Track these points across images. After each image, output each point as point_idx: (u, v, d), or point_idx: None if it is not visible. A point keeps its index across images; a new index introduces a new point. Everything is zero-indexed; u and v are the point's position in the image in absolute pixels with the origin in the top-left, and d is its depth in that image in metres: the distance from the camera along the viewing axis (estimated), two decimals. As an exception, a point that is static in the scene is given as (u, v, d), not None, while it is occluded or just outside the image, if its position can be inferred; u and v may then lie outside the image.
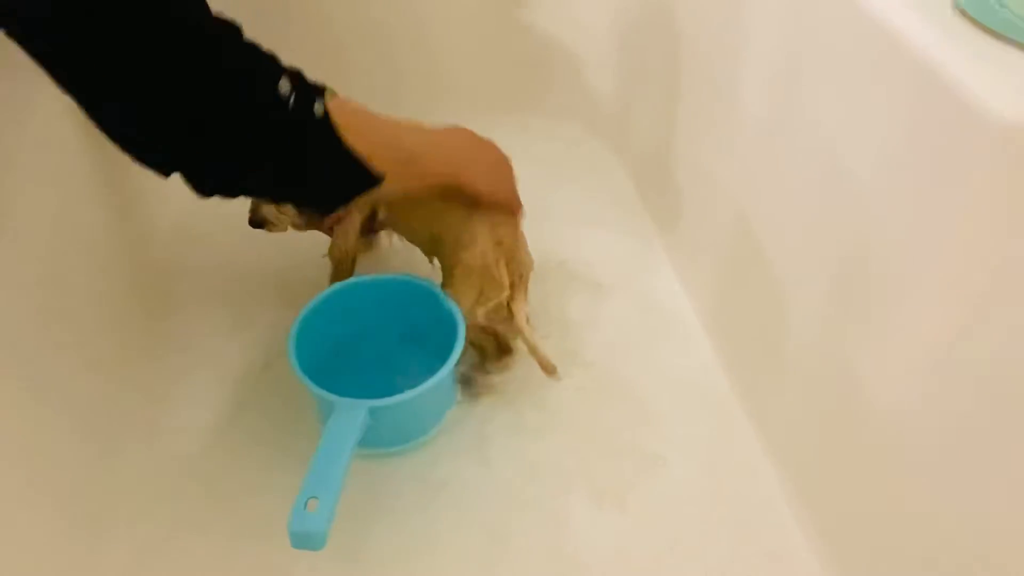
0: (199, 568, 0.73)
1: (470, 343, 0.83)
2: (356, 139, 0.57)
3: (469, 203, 0.78)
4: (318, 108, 0.54)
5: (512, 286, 0.80)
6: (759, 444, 0.83)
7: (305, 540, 0.62)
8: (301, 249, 0.92)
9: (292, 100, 0.52)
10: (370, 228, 0.88)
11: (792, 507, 0.77)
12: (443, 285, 0.82)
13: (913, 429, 0.62)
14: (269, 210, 0.82)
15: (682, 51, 0.99)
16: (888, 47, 0.61)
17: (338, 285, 0.83)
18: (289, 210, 0.82)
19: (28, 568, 0.64)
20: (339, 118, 0.55)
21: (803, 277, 0.75)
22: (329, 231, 0.88)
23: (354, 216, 0.85)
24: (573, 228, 0.98)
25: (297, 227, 0.85)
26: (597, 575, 0.73)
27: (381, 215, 0.86)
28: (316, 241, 0.91)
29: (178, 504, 0.77)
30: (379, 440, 0.78)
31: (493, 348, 0.85)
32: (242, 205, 0.85)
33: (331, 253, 0.89)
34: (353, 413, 0.72)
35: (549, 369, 0.81)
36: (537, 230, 0.85)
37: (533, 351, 0.80)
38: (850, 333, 0.68)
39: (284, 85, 0.52)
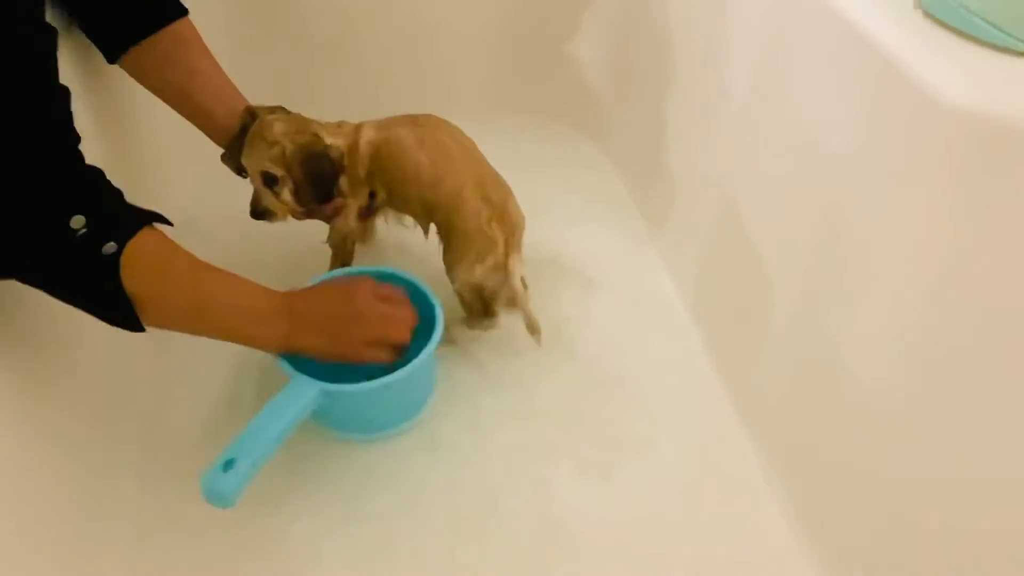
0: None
1: (460, 299, 0.89)
2: (148, 281, 0.61)
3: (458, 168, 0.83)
4: (108, 248, 0.58)
5: (506, 243, 0.84)
6: (739, 423, 0.86)
7: (214, 498, 0.64)
8: (302, 237, 0.94)
9: (81, 232, 0.56)
10: (368, 211, 0.91)
11: (769, 481, 0.81)
12: (443, 251, 0.87)
13: (885, 398, 0.66)
14: (270, 200, 0.85)
15: (668, 52, 1.03)
16: (856, 44, 0.65)
17: (327, 276, 0.85)
18: (288, 200, 0.84)
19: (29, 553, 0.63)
20: (140, 258, 0.60)
21: (782, 260, 0.79)
22: (328, 219, 0.90)
23: (351, 202, 0.88)
24: (564, 224, 1.01)
25: (296, 216, 0.87)
26: (580, 539, 0.76)
27: (380, 197, 0.88)
28: (314, 231, 0.93)
29: (173, 502, 0.77)
30: (351, 426, 0.81)
31: (479, 309, 0.90)
32: (242, 198, 0.87)
33: (331, 239, 0.92)
34: (302, 389, 0.72)
35: (534, 328, 0.86)
36: (529, 226, 0.89)
37: (522, 307, 0.85)
38: (826, 311, 0.72)
39: (77, 221, 0.56)
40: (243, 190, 0.87)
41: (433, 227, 0.90)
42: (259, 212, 0.85)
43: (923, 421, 0.62)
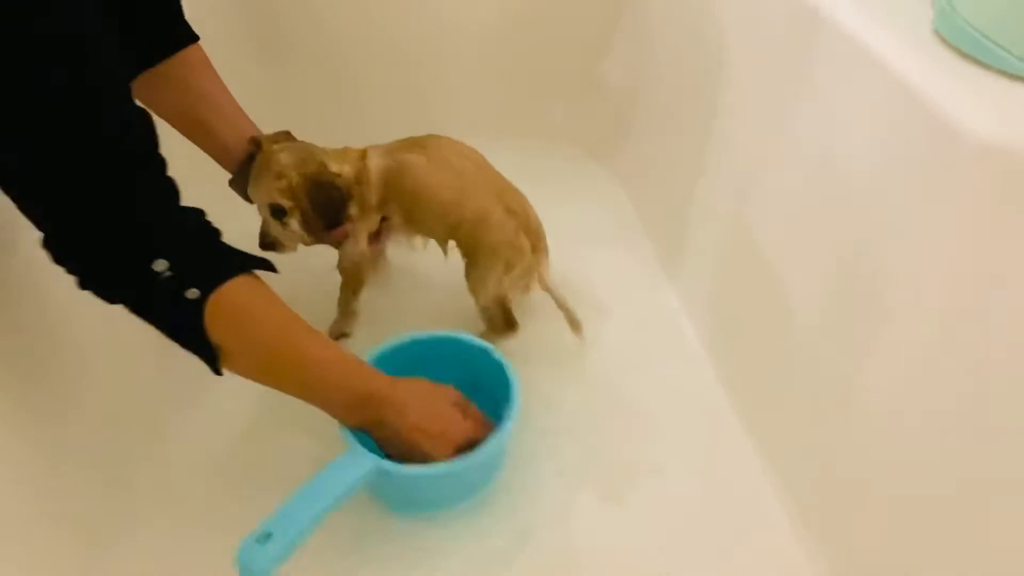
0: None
1: (484, 314, 0.90)
2: (231, 331, 0.62)
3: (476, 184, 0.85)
4: (191, 293, 0.59)
5: (534, 248, 0.86)
6: (755, 452, 0.84)
7: (247, 572, 0.61)
8: (310, 263, 0.92)
9: (165, 276, 0.58)
10: (377, 235, 0.91)
11: (786, 510, 0.79)
12: (467, 268, 0.88)
13: (904, 428, 0.65)
14: (279, 232, 0.84)
15: (678, 74, 1.03)
16: (872, 69, 0.64)
17: (394, 341, 0.81)
18: (297, 230, 0.84)
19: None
20: (225, 308, 0.61)
21: (795, 286, 0.78)
22: (337, 244, 0.90)
23: (361, 228, 0.88)
24: (572, 246, 0.99)
25: (306, 243, 0.87)
26: (594, 566, 0.75)
27: (394, 220, 0.88)
28: (327, 256, 0.93)
29: (185, 524, 0.77)
30: (407, 505, 0.77)
31: (501, 322, 0.90)
32: (250, 223, 0.86)
33: (341, 264, 0.91)
34: (358, 463, 0.68)
35: (576, 325, 0.89)
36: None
37: (563, 307, 0.89)
38: (841, 340, 0.71)
39: (160, 264, 0.58)
40: (251, 216, 0.87)
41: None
42: (268, 243, 0.85)
43: (944, 453, 0.61)
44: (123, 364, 0.83)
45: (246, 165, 0.84)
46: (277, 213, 0.82)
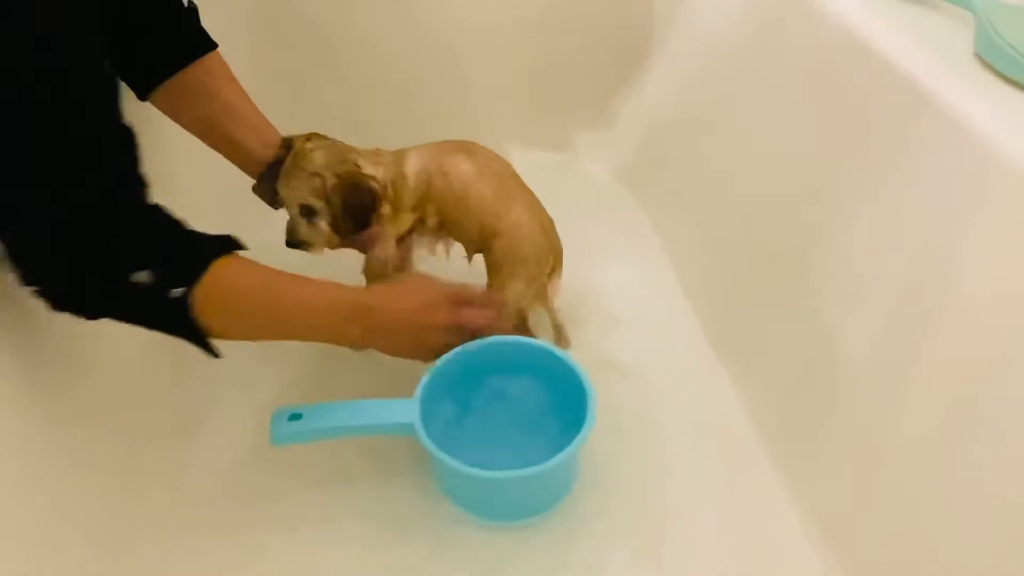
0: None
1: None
2: (222, 313, 0.63)
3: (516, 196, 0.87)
4: (176, 292, 0.60)
5: (552, 268, 0.88)
6: (783, 491, 0.80)
7: (272, 431, 0.72)
8: (333, 269, 0.89)
9: (147, 283, 0.58)
10: (403, 241, 0.89)
11: (821, 556, 0.74)
12: (490, 275, 0.87)
13: (939, 468, 0.62)
14: (306, 231, 0.82)
15: (698, 88, 1.04)
16: (914, 96, 0.64)
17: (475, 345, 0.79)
18: (326, 231, 0.82)
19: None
20: (211, 296, 0.61)
21: (830, 314, 0.77)
22: (363, 248, 0.87)
23: (391, 230, 0.85)
24: (588, 261, 0.98)
25: (332, 246, 0.84)
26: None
27: (428, 224, 0.87)
28: (348, 263, 0.89)
29: (205, 529, 0.76)
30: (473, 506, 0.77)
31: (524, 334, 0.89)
32: (271, 231, 0.83)
33: (367, 268, 0.88)
34: (403, 411, 0.73)
35: (566, 342, 0.92)
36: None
37: (557, 327, 0.92)
38: (886, 376, 0.69)
39: (140, 276, 0.58)
40: (271, 223, 0.84)
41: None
42: (295, 243, 0.82)
43: (991, 494, 0.58)
44: (140, 373, 0.79)
45: (273, 167, 0.81)
46: (307, 213, 0.80)
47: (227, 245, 0.65)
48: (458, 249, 0.91)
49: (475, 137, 0.90)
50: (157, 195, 0.62)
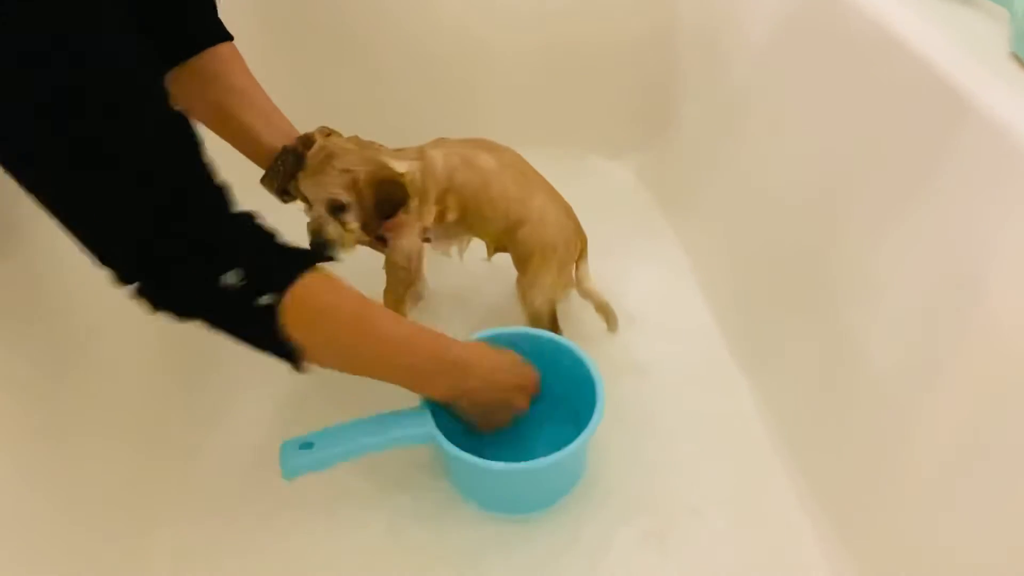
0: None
1: (535, 318, 0.89)
2: (309, 329, 0.62)
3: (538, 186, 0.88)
4: (264, 300, 0.60)
5: (580, 255, 0.90)
6: (795, 494, 0.80)
7: (281, 464, 0.69)
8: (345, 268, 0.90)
9: (237, 287, 0.58)
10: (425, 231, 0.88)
11: (831, 559, 0.74)
12: (519, 268, 0.88)
13: (962, 485, 0.61)
14: (334, 229, 0.79)
15: (716, 83, 1.03)
16: (948, 97, 0.64)
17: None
18: (355, 228, 0.80)
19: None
20: (299, 307, 0.61)
21: (852, 321, 0.76)
22: (382, 242, 0.86)
23: (413, 220, 0.84)
24: (603, 257, 0.97)
25: (357, 242, 0.83)
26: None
27: (451, 216, 0.86)
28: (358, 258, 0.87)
29: (217, 528, 0.76)
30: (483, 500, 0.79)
31: (548, 328, 0.89)
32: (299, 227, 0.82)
33: (392, 260, 0.86)
34: (416, 420, 0.72)
35: (614, 323, 0.93)
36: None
37: (602, 306, 0.92)
38: (909, 385, 0.68)
39: (231, 277, 0.58)
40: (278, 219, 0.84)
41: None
42: (320, 243, 0.79)
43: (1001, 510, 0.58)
44: (162, 364, 0.80)
45: (282, 160, 0.80)
46: (336, 209, 0.78)
47: (319, 256, 0.66)
48: (471, 253, 0.91)
49: (491, 135, 0.90)
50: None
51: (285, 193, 0.82)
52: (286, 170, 0.80)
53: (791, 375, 0.85)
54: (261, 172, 0.82)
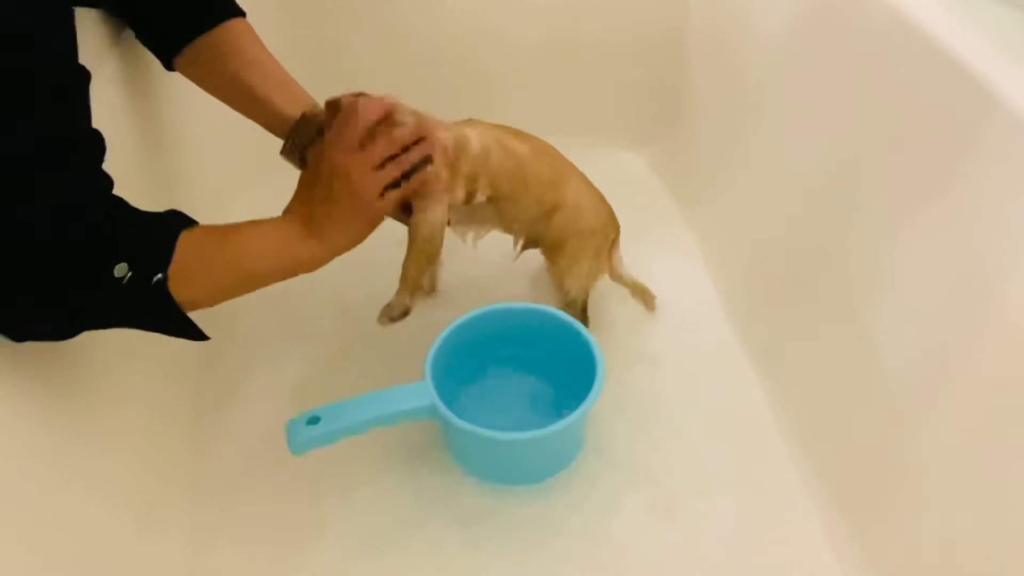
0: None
1: (571, 307, 0.89)
2: (195, 284, 0.63)
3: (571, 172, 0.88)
4: (157, 279, 0.59)
5: (613, 241, 0.90)
6: (803, 485, 0.80)
7: (289, 440, 0.71)
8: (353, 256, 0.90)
9: (127, 279, 0.57)
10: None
11: (839, 551, 0.74)
12: (552, 258, 0.88)
13: (976, 482, 0.61)
14: None
15: (727, 73, 1.02)
16: (979, 96, 0.62)
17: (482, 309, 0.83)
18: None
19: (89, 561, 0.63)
20: (183, 270, 0.61)
21: (866, 316, 0.75)
22: (405, 210, 0.80)
23: (446, 196, 0.79)
24: (621, 252, 0.97)
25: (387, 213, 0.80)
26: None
27: (480, 197, 0.82)
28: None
29: (230, 507, 0.77)
30: (481, 470, 0.80)
31: (581, 316, 0.90)
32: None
33: (418, 230, 0.80)
34: (418, 394, 0.74)
35: (651, 302, 0.96)
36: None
37: (638, 289, 0.95)
38: (923, 381, 0.68)
39: (120, 269, 0.57)
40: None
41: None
42: None
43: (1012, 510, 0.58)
44: (170, 351, 0.80)
45: (302, 128, 0.79)
46: None
47: (177, 218, 0.64)
48: (487, 244, 0.89)
49: (504, 122, 0.88)
50: (180, 177, 0.61)
51: (305, 161, 0.80)
52: (308, 136, 0.79)
53: (802, 367, 0.85)
54: (280, 143, 0.82)
